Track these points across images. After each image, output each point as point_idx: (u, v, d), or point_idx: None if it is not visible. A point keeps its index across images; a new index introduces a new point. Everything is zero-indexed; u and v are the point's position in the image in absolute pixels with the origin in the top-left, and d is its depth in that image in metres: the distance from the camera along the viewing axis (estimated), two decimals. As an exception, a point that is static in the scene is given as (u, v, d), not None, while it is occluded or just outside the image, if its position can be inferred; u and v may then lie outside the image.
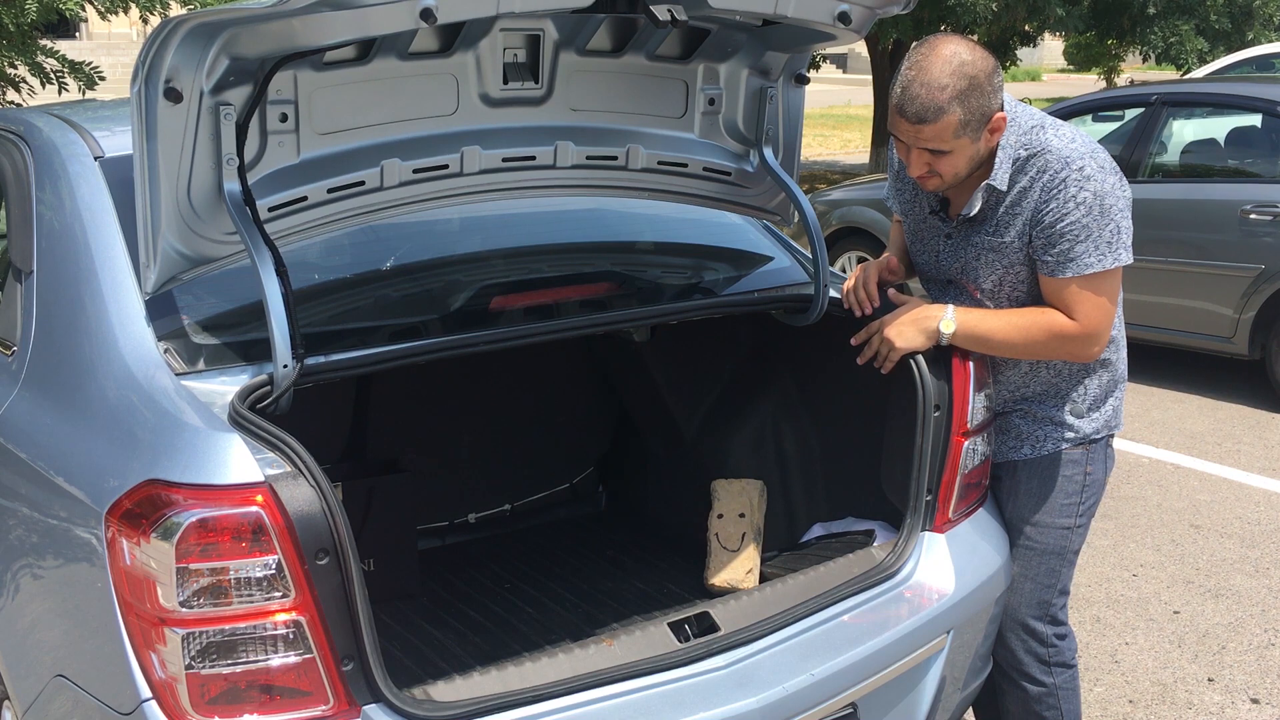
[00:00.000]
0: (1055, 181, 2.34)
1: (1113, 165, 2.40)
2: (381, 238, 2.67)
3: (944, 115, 2.27)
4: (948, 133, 2.29)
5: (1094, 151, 2.37)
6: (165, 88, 1.88)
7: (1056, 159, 2.34)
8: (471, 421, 3.35)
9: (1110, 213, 2.34)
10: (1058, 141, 2.37)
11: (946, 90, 2.25)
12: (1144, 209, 6.46)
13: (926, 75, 2.27)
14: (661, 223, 3.11)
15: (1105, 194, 2.33)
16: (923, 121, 2.28)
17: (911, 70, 2.29)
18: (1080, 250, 2.33)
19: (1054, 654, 2.63)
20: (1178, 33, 11.30)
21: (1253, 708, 3.41)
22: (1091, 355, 2.44)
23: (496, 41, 2.23)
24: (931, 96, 2.26)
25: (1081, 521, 2.59)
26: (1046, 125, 2.40)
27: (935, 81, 2.26)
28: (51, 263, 2.29)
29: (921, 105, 2.27)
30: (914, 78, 2.28)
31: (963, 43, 2.31)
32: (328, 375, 2.09)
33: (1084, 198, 2.32)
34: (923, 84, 2.26)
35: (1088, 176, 2.32)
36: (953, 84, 2.26)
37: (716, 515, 2.94)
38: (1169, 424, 5.95)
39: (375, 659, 1.85)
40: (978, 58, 2.29)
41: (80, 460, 1.98)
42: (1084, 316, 2.37)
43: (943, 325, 2.43)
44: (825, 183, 12.70)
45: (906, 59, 2.33)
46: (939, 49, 2.29)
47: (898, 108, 2.31)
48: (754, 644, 2.18)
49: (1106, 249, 2.34)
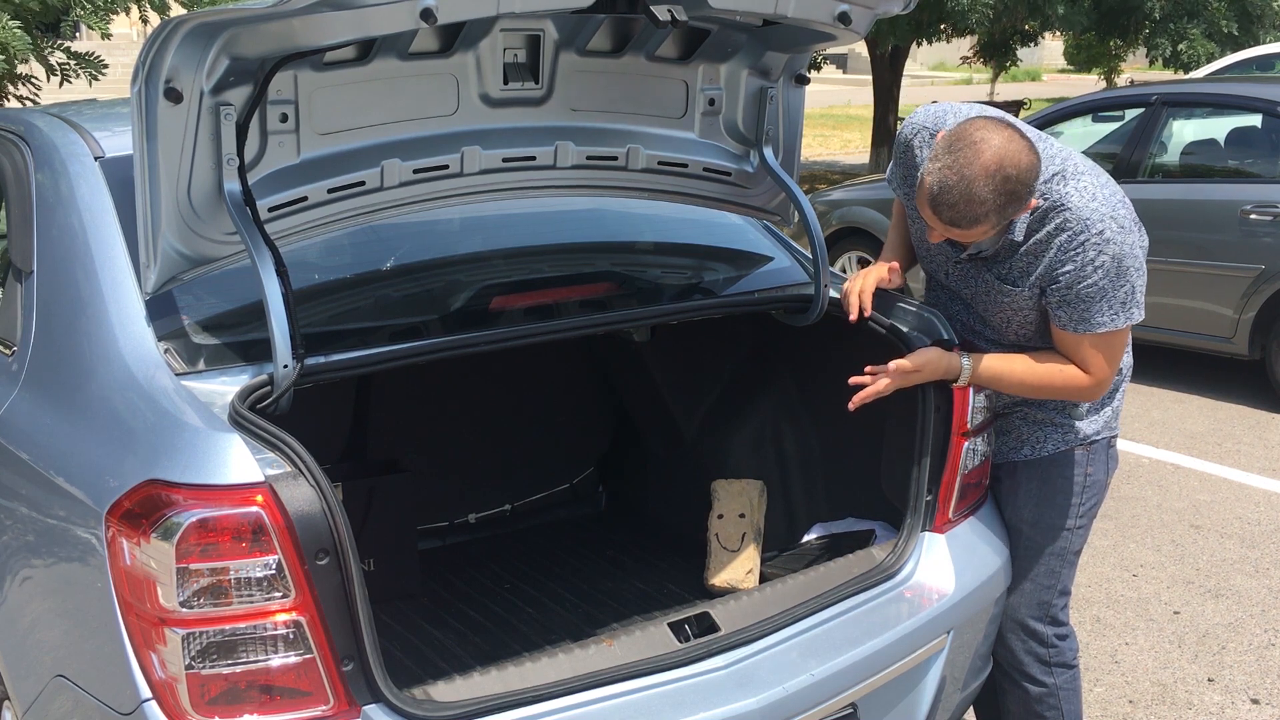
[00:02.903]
0: (1074, 244, 2.29)
1: (1132, 220, 2.35)
2: (381, 238, 2.67)
3: (980, 225, 2.20)
4: (977, 235, 2.26)
5: (1114, 210, 2.30)
6: (165, 88, 1.88)
7: (1076, 220, 2.28)
8: (472, 421, 3.35)
9: (1127, 274, 2.31)
10: (1078, 198, 2.29)
11: (986, 204, 2.17)
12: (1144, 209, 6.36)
13: (968, 186, 2.15)
14: (661, 223, 3.11)
15: (1123, 256, 2.29)
16: (956, 226, 2.21)
17: (952, 172, 2.16)
18: (1095, 311, 2.32)
19: (1054, 654, 2.63)
20: (1187, 36, 11.26)
21: (1253, 708, 3.41)
22: (1097, 396, 2.45)
23: (496, 42, 2.23)
24: (970, 209, 2.17)
25: (1082, 523, 2.59)
26: (1068, 175, 2.32)
27: (976, 195, 2.15)
28: (51, 263, 2.29)
29: (958, 215, 2.19)
30: (954, 183, 2.16)
31: (1009, 144, 2.16)
32: (328, 375, 2.09)
33: (1102, 261, 2.28)
34: (962, 193, 2.15)
35: (1107, 240, 2.27)
36: (993, 200, 2.16)
37: (716, 515, 2.94)
38: (1169, 424, 5.95)
39: (375, 659, 1.85)
40: (1022, 169, 2.16)
41: (80, 460, 1.98)
42: (1097, 369, 2.39)
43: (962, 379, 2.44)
44: (825, 183, 12.69)
45: (948, 150, 2.17)
46: (983, 153, 2.14)
47: (931, 205, 2.20)
48: (754, 644, 2.18)
49: (1120, 309, 2.33)
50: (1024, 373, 2.43)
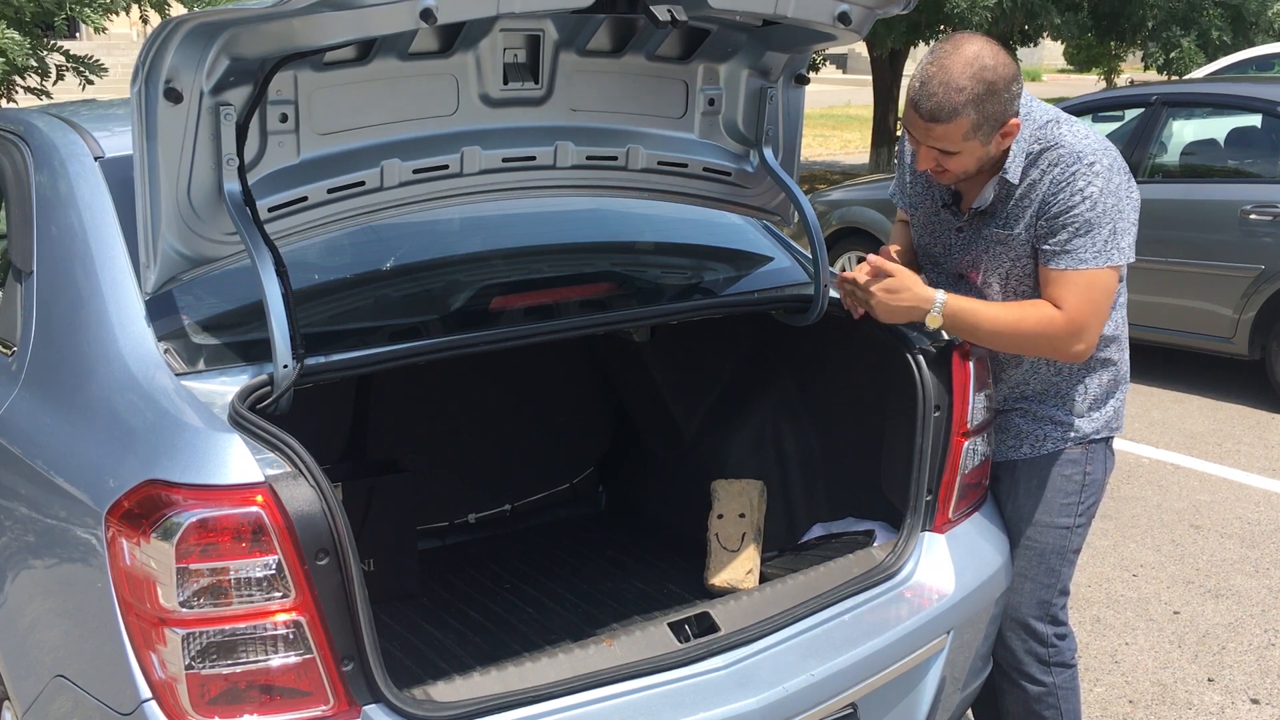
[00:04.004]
0: (1065, 175, 2.34)
1: (1123, 165, 2.40)
2: (381, 238, 2.67)
3: (957, 117, 2.26)
4: (957, 135, 2.28)
5: (1107, 149, 2.37)
6: (165, 88, 1.88)
7: (1069, 153, 2.35)
8: (471, 422, 3.35)
9: (1111, 212, 2.34)
10: (1071, 138, 2.37)
11: (964, 93, 2.24)
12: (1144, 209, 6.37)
13: (946, 74, 2.25)
14: (661, 223, 3.11)
15: (1111, 192, 2.34)
16: (935, 120, 2.27)
17: (933, 66, 2.27)
18: (1077, 244, 2.34)
19: (1054, 654, 2.63)
20: (1178, 44, 11.27)
21: (1253, 708, 3.41)
22: (1075, 353, 2.41)
23: (496, 42, 2.23)
24: (948, 97, 2.25)
25: (1081, 521, 2.59)
26: (1061, 121, 2.40)
27: (954, 82, 2.24)
28: (51, 263, 2.29)
29: (936, 104, 2.26)
30: (933, 74, 2.27)
31: (988, 45, 2.29)
32: (328, 375, 2.09)
33: (1091, 192, 2.32)
34: (941, 82, 2.25)
35: (1096, 173, 2.33)
36: (970, 87, 2.24)
37: (716, 515, 2.94)
38: (1169, 424, 5.95)
39: (375, 659, 1.85)
40: (1000, 63, 2.27)
41: (80, 460, 1.98)
42: (1071, 308, 2.35)
43: (928, 321, 2.40)
44: (825, 183, 12.69)
45: (930, 52, 2.31)
46: (963, 48, 2.27)
47: (913, 101, 2.30)
48: (754, 644, 2.18)
49: (1102, 247, 2.34)
50: (999, 312, 2.40)
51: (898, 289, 2.40)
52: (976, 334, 2.42)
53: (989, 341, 2.44)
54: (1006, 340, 2.42)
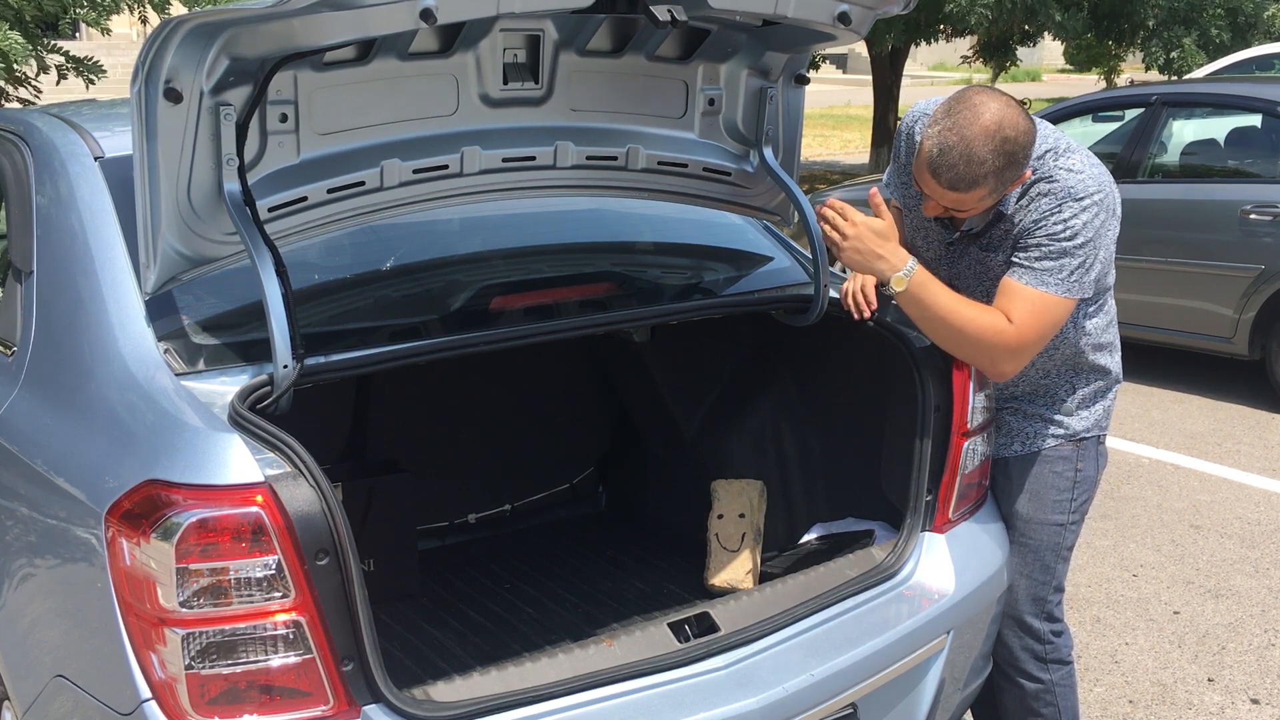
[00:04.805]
0: (1052, 206, 2.33)
1: (1113, 203, 2.37)
2: (381, 238, 2.67)
3: (977, 188, 2.23)
4: (973, 201, 2.27)
5: (1100, 186, 2.34)
6: (165, 88, 1.88)
7: (1060, 188, 2.33)
8: (472, 422, 3.35)
9: (1087, 248, 2.32)
10: (1065, 174, 2.34)
11: (985, 166, 2.20)
12: (1144, 209, 6.49)
13: (968, 147, 2.19)
14: (661, 223, 3.11)
15: (1094, 229, 2.32)
16: (954, 189, 2.24)
17: (952, 135, 2.20)
18: (1046, 266, 2.32)
19: (1050, 650, 2.63)
20: (1179, 44, 11.28)
21: (1253, 708, 3.41)
22: (1002, 371, 2.37)
23: (496, 42, 2.23)
24: (969, 170, 2.20)
25: (1074, 518, 2.60)
26: (1060, 152, 2.36)
27: (975, 155, 2.19)
28: (51, 263, 2.29)
29: (956, 175, 2.21)
30: (954, 144, 2.20)
31: (1008, 109, 2.22)
32: (328, 375, 2.09)
33: (1074, 225, 2.31)
34: (962, 154, 2.19)
35: (1084, 207, 2.31)
36: (992, 161, 2.20)
37: (716, 515, 2.94)
38: (1169, 424, 5.95)
39: (375, 659, 1.85)
40: (1020, 130, 2.21)
41: (80, 460, 1.98)
42: (1020, 324, 2.32)
43: (894, 281, 2.32)
44: (825, 183, 12.69)
45: (948, 114, 2.22)
46: (982, 115, 2.19)
47: (930, 167, 2.24)
48: (754, 644, 2.18)
49: (1067, 277, 2.32)
50: (957, 304, 2.33)
51: (884, 234, 2.33)
52: (926, 314, 2.35)
53: (932, 327, 2.37)
54: (949, 333, 2.35)
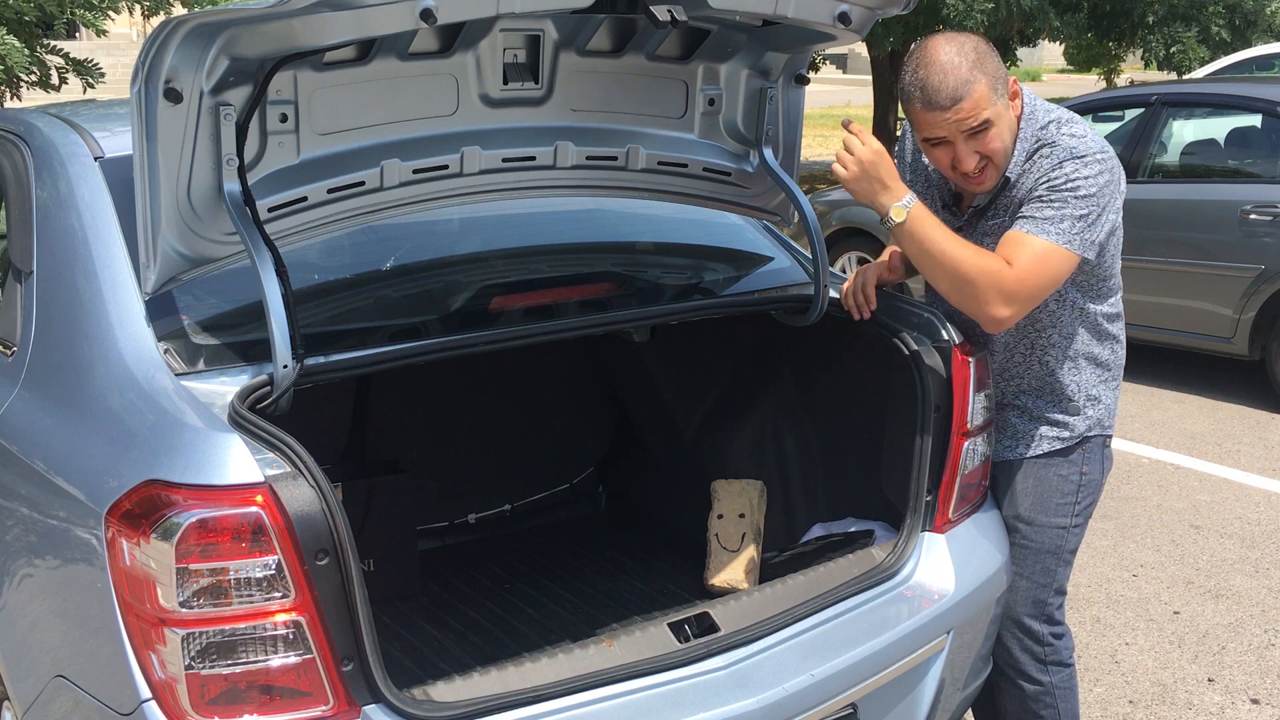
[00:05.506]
0: (1054, 163, 2.37)
1: (1117, 169, 2.41)
2: (381, 238, 2.67)
3: (974, 85, 2.30)
4: (984, 101, 2.31)
5: (1103, 151, 2.39)
6: (165, 88, 1.88)
7: (1063, 149, 2.38)
8: (472, 421, 3.35)
9: (1090, 201, 2.34)
10: (1069, 138, 2.39)
11: (963, 65, 2.29)
12: (1144, 209, 6.49)
13: (939, 64, 2.30)
14: (661, 223, 3.11)
15: (1097, 184, 2.35)
16: (958, 101, 2.29)
17: (921, 70, 2.32)
18: (1046, 215, 2.34)
19: (1050, 653, 2.63)
20: (1180, 39, 11.28)
21: (1253, 708, 3.41)
22: (996, 317, 2.35)
23: (496, 42, 2.23)
24: (956, 74, 2.29)
25: (1078, 521, 2.59)
26: (1062, 121, 2.43)
27: (949, 63, 2.30)
28: (51, 263, 2.29)
29: (951, 87, 2.29)
30: (928, 74, 2.31)
31: (948, 33, 2.39)
32: (328, 375, 2.09)
33: (1077, 179, 2.34)
34: (940, 71, 2.30)
35: (1087, 164, 2.35)
36: (964, 59, 2.30)
37: (716, 515, 2.94)
38: (1169, 424, 5.95)
39: (375, 659, 1.85)
40: (965, 36, 2.36)
41: (80, 460, 1.98)
42: (1019, 269, 2.31)
43: (893, 211, 2.34)
44: (825, 183, 12.69)
45: (908, 66, 2.36)
46: (933, 43, 2.35)
47: (927, 103, 2.31)
48: (754, 644, 2.18)
49: (1069, 229, 2.33)
50: (955, 245, 2.34)
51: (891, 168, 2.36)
52: (924, 249, 2.35)
53: (929, 263, 2.37)
54: (944, 272, 2.35)
